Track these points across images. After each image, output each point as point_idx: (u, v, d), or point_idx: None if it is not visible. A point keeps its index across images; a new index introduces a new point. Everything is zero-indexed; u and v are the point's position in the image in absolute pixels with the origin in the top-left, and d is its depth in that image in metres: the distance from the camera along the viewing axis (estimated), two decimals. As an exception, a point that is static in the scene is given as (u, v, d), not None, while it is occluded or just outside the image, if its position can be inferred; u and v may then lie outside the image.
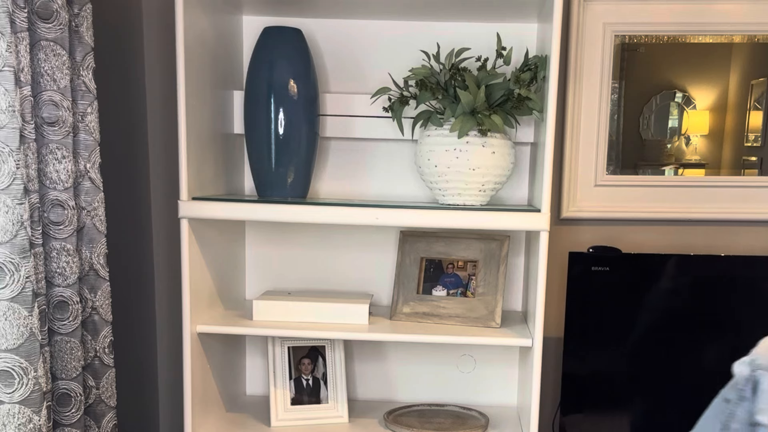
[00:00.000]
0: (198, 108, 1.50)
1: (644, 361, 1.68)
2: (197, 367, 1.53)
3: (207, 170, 1.57)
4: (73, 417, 1.41)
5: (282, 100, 1.54)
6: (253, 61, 1.58)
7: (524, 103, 1.47)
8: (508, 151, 1.51)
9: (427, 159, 1.50)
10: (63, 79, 1.33)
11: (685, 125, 1.78)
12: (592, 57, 1.71)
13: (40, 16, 1.29)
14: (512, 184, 1.70)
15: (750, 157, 1.76)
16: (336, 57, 1.71)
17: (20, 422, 1.20)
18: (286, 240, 1.81)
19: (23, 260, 1.19)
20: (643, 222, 1.78)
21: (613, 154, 1.77)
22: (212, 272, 1.61)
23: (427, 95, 1.51)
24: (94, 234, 1.46)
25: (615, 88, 1.74)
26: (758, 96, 1.73)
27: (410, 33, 1.68)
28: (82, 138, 1.41)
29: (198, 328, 1.53)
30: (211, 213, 1.48)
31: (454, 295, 1.65)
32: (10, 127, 1.16)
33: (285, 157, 1.57)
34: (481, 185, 1.50)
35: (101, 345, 1.50)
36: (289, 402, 1.69)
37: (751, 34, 1.70)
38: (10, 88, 1.16)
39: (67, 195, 1.36)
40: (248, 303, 1.72)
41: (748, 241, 1.77)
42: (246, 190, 1.79)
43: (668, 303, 1.65)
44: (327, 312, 1.58)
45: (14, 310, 1.18)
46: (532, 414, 1.48)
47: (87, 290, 1.46)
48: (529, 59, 1.50)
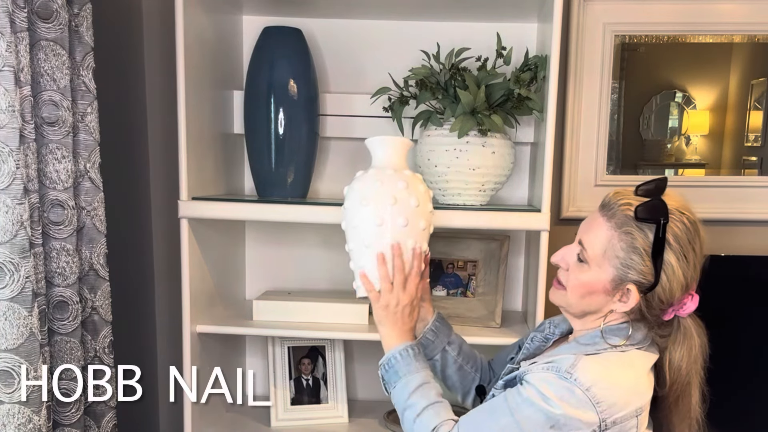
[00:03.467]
0: (198, 108, 1.50)
1: (644, 361, 1.68)
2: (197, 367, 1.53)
3: (207, 170, 1.57)
4: (73, 417, 1.40)
5: (282, 100, 1.54)
6: (253, 61, 1.58)
7: (524, 103, 1.46)
8: (508, 151, 1.51)
9: (427, 159, 1.50)
10: (63, 79, 1.33)
11: (685, 125, 1.78)
12: (592, 57, 1.71)
13: (40, 16, 1.28)
14: (512, 184, 1.69)
15: (750, 157, 1.76)
16: (336, 57, 1.70)
17: (20, 422, 1.20)
18: (286, 240, 1.80)
19: (23, 260, 1.19)
20: (643, 222, 1.78)
21: (613, 154, 1.77)
22: (212, 272, 1.61)
23: (427, 95, 1.51)
24: (94, 234, 1.46)
25: (615, 88, 1.74)
26: (758, 96, 1.73)
27: (410, 33, 1.68)
28: (82, 138, 1.41)
29: (198, 328, 1.53)
30: (211, 213, 1.48)
31: (454, 294, 1.65)
32: (10, 127, 1.16)
33: (285, 157, 1.57)
34: (481, 185, 1.49)
35: (101, 345, 1.49)
36: (289, 402, 1.69)
37: (751, 34, 1.70)
38: (10, 88, 1.16)
39: (67, 195, 1.36)
40: (248, 303, 1.72)
41: (748, 241, 1.76)
42: (246, 190, 1.78)
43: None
44: (327, 312, 1.58)
45: (14, 310, 1.18)
46: (532, 414, 1.48)
47: (87, 290, 1.46)
48: (529, 59, 1.50)
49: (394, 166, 1.19)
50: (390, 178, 1.16)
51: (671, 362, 1.05)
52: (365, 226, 1.15)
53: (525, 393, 0.98)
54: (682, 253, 1.01)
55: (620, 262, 1.02)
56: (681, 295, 1.03)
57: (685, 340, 1.05)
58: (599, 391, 0.96)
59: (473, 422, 1.03)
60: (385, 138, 1.21)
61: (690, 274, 1.02)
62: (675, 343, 1.05)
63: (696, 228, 1.03)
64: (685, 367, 1.05)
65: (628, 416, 0.98)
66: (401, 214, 1.14)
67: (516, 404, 0.98)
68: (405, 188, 1.15)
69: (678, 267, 1.01)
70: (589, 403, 0.95)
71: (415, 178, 1.19)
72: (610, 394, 0.96)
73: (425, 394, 1.08)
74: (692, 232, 1.03)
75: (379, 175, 1.17)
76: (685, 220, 1.02)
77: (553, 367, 0.99)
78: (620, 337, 1.04)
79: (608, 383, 0.97)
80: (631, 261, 1.01)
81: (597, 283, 1.04)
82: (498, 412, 1.00)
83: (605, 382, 0.97)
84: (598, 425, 0.96)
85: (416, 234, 1.16)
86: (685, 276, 1.02)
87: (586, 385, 0.95)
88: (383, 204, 1.13)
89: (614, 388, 0.98)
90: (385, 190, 1.14)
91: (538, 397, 0.96)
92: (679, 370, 1.05)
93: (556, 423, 0.95)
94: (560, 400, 0.95)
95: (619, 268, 1.02)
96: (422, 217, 1.16)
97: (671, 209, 1.02)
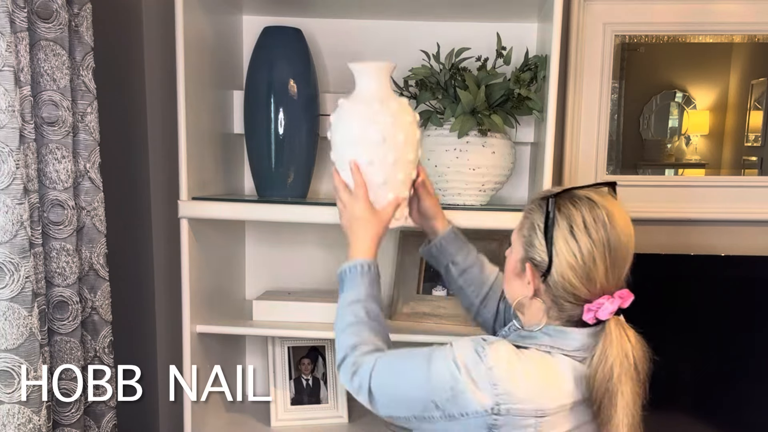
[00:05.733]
0: (198, 108, 1.50)
1: (644, 361, 1.68)
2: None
3: (207, 170, 1.57)
4: (73, 417, 1.41)
5: (282, 100, 1.54)
6: (253, 61, 1.58)
7: (524, 102, 1.46)
8: (508, 151, 1.51)
9: (427, 159, 1.50)
10: (63, 78, 1.33)
11: (685, 125, 1.78)
12: (592, 57, 1.71)
13: (40, 15, 1.28)
14: (512, 184, 1.69)
15: (750, 157, 1.76)
16: (336, 57, 1.70)
17: (20, 422, 1.20)
18: (286, 240, 1.80)
19: (23, 260, 1.19)
20: (643, 222, 1.77)
21: (613, 154, 1.76)
22: (212, 272, 1.61)
23: (427, 95, 1.51)
24: (94, 234, 1.46)
25: (615, 88, 1.74)
26: (758, 96, 1.73)
27: (410, 33, 1.68)
28: (82, 138, 1.41)
29: (198, 328, 1.53)
30: (211, 213, 1.48)
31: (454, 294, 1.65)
32: (9, 127, 1.16)
33: (285, 157, 1.57)
34: (481, 185, 1.49)
35: (101, 345, 1.49)
36: (289, 402, 1.69)
37: (751, 34, 1.70)
38: (10, 88, 1.16)
39: (66, 195, 1.36)
40: (248, 303, 1.72)
41: (748, 241, 1.76)
42: (246, 190, 1.78)
43: (668, 303, 1.65)
44: (327, 312, 1.57)
45: (14, 310, 1.18)
46: (532, 414, 1.48)
47: (87, 290, 1.46)
48: (529, 59, 1.50)
49: (380, 96, 1.20)
50: (378, 115, 1.17)
51: (589, 367, 0.99)
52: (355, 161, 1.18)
53: (446, 350, 1.00)
54: (572, 234, 0.98)
55: (525, 240, 1.03)
56: (586, 289, 0.98)
57: (604, 347, 0.98)
58: (499, 373, 0.95)
59: (394, 358, 1.05)
60: (370, 65, 1.22)
61: (588, 265, 0.98)
62: (595, 348, 0.99)
63: (604, 221, 0.98)
64: (600, 377, 0.98)
65: (525, 413, 0.95)
66: (390, 152, 1.17)
67: (435, 357, 1.00)
68: (392, 124, 1.17)
69: (567, 249, 0.98)
70: (487, 381, 0.95)
71: (401, 109, 1.20)
72: (509, 381, 0.95)
73: (355, 311, 1.10)
74: (594, 221, 0.98)
75: (368, 112, 1.17)
76: (588, 206, 0.99)
77: (477, 339, 1.00)
78: (552, 338, 1.01)
79: (512, 371, 0.96)
80: (530, 238, 1.02)
81: (511, 264, 1.07)
82: (418, 358, 1.02)
83: (509, 369, 0.96)
84: (491, 407, 0.95)
85: (405, 166, 1.19)
86: (580, 262, 0.98)
87: (490, 364, 0.96)
88: (372, 144, 1.16)
89: (518, 378, 0.96)
90: (375, 128, 1.16)
91: (451, 358, 0.98)
92: (593, 377, 0.98)
93: (455, 387, 0.96)
94: (465, 368, 0.96)
95: (524, 246, 1.03)
96: (410, 149, 1.19)
97: (579, 194, 1.01)
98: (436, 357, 1.00)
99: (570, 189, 1.03)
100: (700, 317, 1.65)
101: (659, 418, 1.70)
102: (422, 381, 1.00)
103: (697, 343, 1.66)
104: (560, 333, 1.01)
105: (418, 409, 1.00)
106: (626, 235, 1.00)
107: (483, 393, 0.95)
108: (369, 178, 1.17)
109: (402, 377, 1.03)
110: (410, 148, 1.19)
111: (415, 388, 1.01)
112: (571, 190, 1.03)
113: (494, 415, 0.95)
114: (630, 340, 0.99)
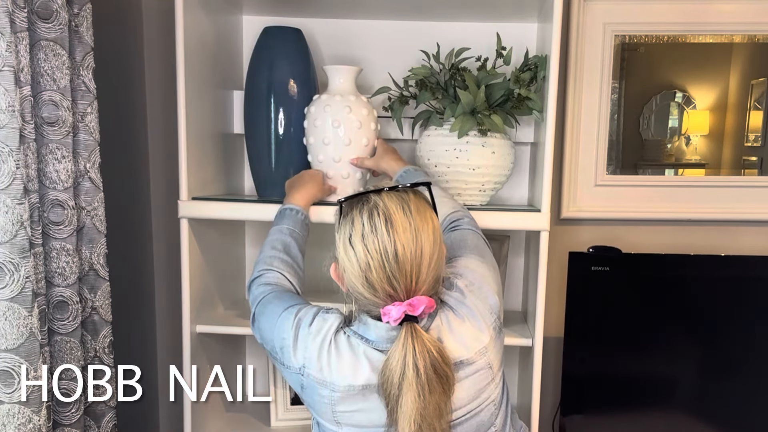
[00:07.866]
0: (198, 108, 1.50)
1: (644, 361, 1.68)
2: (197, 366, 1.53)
3: (207, 170, 1.57)
4: (73, 417, 1.41)
5: (282, 100, 1.54)
6: (253, 61, 1.58)
7: (524, 103, 1.46)
8: (508, 151, 1.51)
9: (427, 159, 1.50)
10: (63, 79, 1.33)
11: (685, 125, 1.78)
12: (592, 57, 1.71)
13: (40, 15, 1.29)
14: (512, 184, 1.70)
15: (750, 157, 1.76)
16: (336, 57, 1.71)
17: (20, 422, 1.20)
18: (286, 240, 1.80)
19: (23, 260, 1.19)
20: (643, 222, 1.78)
21: (613, 154, 1.77)
22: (212, 272, 1.61)
23: (427, 95, 1.51)
24: (94, 234, 1.46)
25: (615, 88, 1.74)
26: (758, 96, 1.73)
27: (410, 33, 1.68)
28: (82, 138, 1.41)
29: (198, 328, 1.53)
30: (211, 213, 1.48)
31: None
32: (9, 127, 1.16)
33: (285, 157, 1.57)
34: (481, 185, 1.49)
35: (101, 345, 1.49)
36: (289, 402, 1.69)
37: (751, 34, 1.70)
38: (10, 88, 1.16)
39: (66, 195, 1.36)
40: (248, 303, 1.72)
41: (748, 241, 1.77)
42: (246, 190, 1.78)
43: (668, 303, 1.65)
44: (327, 312, 1.58)
45: (14, 310, 1.18)
46: (533, 414, 1.48)
47: (87, 290, 1.46)
48: (529, 59, 1.50)
49: (352, 91, 1.51)
50: (354, 104, 1.47)
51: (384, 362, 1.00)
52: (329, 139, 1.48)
53: (299, 306, 1.11)
54: (350, 242, 0.99)
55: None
56: (369, 293, 0.99)
57: (393, 350, 0.98)
58: (312, 341, 1.05)
59: (274, 297, 1.17)
60: (342, 67, 1.50)
61: (365, 273, 0.98)
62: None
63: (382, 231, 0.97)
64: (385, 376, 0.98)
65: (319, 382, 1.04)
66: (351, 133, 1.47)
67: (290, 308, 1.11)
68: (368, 114, 1.49)
69: (345, 256, 1.00)
70: (303, 343, 1.05)
71: (359, 103, 1.48)
72: (315, 350, 1.04)
73: (273, 244, 1.30)
74: (373, 230, 0.98)
75: (347, 102, 1.47)
76: (369, 214, 0.99)
77: (324, 308, 1.10)
78: (358, 325, 1.05)
79: (322, 342, 1.04)
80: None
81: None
82: (283, 303, 1.13)
83: (321, 340, 1.04)
84: (299, 367, 1.05)
85: (359, 150, 1.49)
86: (357, 269, 0.98)
87: (312, 330, 1.05)
88: (351, 125, 1.47)
89: (322, 350, 1.04)
90: (352, 116, 1.47)
91: (294, 313, 1.09)
92: (381, 374, 0.99)
93: (286, 339, 1.08)
94: (296, 326, 1.07)
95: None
96: (364, 135, 1.49)
97: (370, 199, 1.00)
98: (290, 308, 1.11)
99: (371, 192, 1.02)
100: (700, 317, 1.65)
101: (659, 418, 1.71)
102: (273, 324, 1.11)
103: (696, 343, 1.66)
104: (363, 323, 1.05)
105: (269, 347, 1.13)
106: (411, 244, 0.97)
107: (297, 352, 1.06)
108: (328, 155, 1.49)
109: (267, 316, 1.14)
110: (364, 135, 1.48)
111: (268, 329, 1.13)
112: (368, 194, 1.02)
113: (301, 376, 1.06)
114: (416, 350, 0.96)
